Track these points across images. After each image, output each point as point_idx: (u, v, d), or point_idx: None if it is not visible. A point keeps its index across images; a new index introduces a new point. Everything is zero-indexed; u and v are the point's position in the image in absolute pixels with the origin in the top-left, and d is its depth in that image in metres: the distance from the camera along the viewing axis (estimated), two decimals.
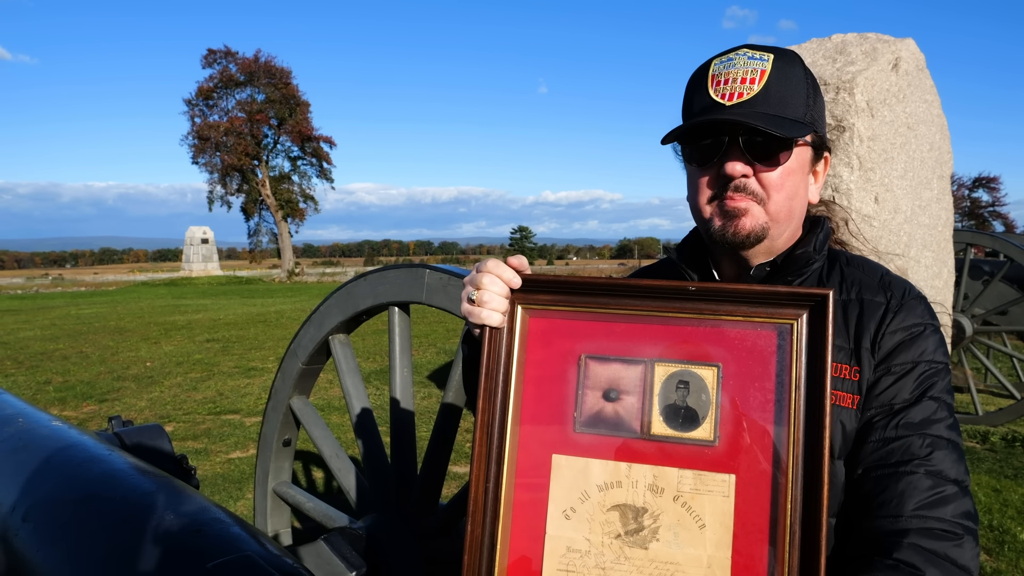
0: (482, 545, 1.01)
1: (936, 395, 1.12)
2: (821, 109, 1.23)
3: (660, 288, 1.02)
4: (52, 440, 1.52)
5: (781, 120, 1.14)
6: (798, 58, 1.20)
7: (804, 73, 1.19)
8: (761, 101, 1.14)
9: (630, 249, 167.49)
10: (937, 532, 1.03)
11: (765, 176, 1.16)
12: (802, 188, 1.22)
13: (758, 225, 1.18)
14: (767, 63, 1.16)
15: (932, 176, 4.54)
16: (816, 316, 0.95)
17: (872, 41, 4.13)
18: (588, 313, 1.05)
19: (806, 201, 1.25)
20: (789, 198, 1.19)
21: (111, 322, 17.09)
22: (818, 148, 1.24)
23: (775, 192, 1.17)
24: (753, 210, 1.17)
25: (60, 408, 8.00)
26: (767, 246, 1.22)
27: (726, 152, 1.16)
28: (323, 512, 2.56)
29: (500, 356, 1.05)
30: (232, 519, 1.18)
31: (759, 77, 1.15)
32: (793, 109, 1.16)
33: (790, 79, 1.17)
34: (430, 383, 8.90)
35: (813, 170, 1.26)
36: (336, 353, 2.56)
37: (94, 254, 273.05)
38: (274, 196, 51.07)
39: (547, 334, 1.06)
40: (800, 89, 1.18)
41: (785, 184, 1.17)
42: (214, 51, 49.46)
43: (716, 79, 1.18)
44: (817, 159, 1.26)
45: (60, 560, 1.13)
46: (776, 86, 1.15)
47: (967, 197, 45.93)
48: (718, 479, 0.97)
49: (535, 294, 1.06)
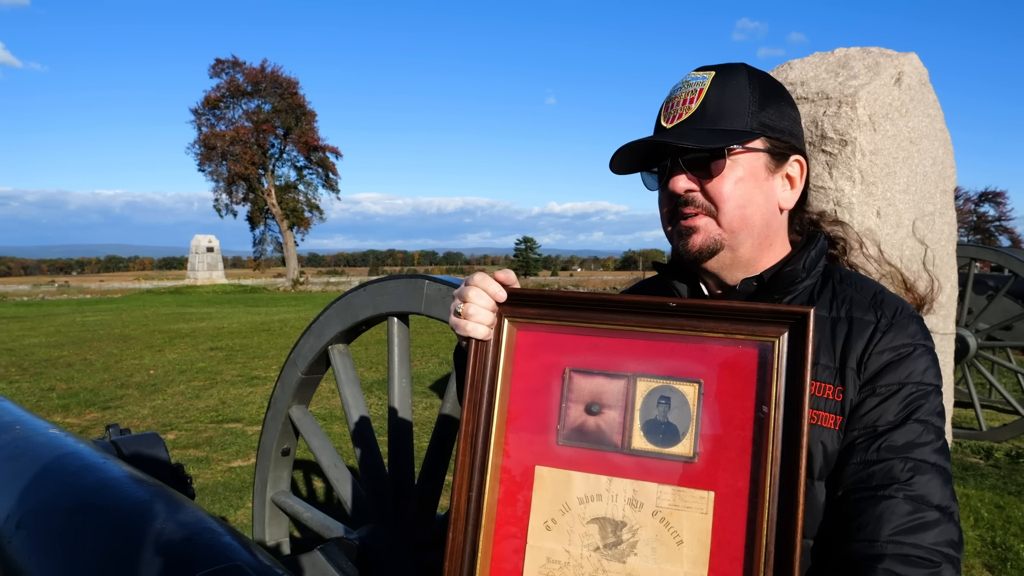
0: (463, 553, 1.03)
1: (922, 418, 1.10)
2: (780, 115, 1.22)
3: (643, 304, 1.03)
4: (48, 448, 1.53)
5: (713, 133, 1.17)
6: (744, 70, 1.21)
7: (749, 83, 1.20)
8: (699, 118, 1.18)
9: (635, 261, 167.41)
10: (913, 559, 1.01)
11: (710, 187, 1.19)
12: (758, 195, 1.21)
13: (710, 239, 1.20)
14: (706, 81, 1.20)
15: (935, 191, 4.54)
16: (796, 334, 0.95)
17: (875, 55, 4.14)
18: (573, 327, 1.06)
19: (771, 207, 1.23)
20: (740, 206, 1.19)
21: (116, 330, 17.14)
22: (779, 152, 1.23)
23: (722, 202, 1.19)
24: (705, 225, 1.20)
25: (63, 415, 8.02)
26: (731, 257, 1.22)
27: (671, 171, 1.21)
28: (320, 522, 2.56)
29: (486, 368, 1.07)
30: (224, 529, 1.19)
31: (697, 96, 1.19)
32: (732, 120, 1.18)
33: (729, 91, 1.19)
34: (432, 393, 8.89)
35: (784, 175, 1.25)
36: (335, 363, 2.57)
37: (100, 262, 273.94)
38: (279, 205, 51.25)
39: (533, 347, 1.08)
40: (741, 99, 1.19)
41: (733, 193, 1.18)
42: (222, 61, 49.80)
43: (667, 104, 1.24)
44: (780, 163, 1.24)
45: (52, 568, 1.13)
46: (714, 101, 1.18)
47: (973, 212, 45.84)
48: (697, 496, 0.97)
49: (522, 307, 1.08)
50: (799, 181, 1.26)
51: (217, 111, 50.27)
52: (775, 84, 1.24)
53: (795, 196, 1.26)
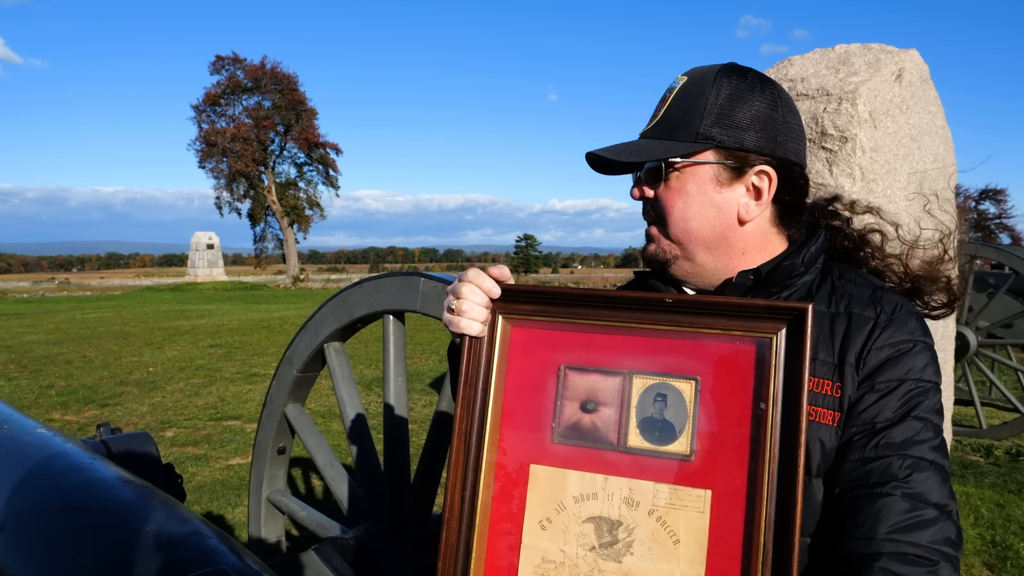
0: (457, 552, 1.01)
1: (921, 415, 1.08)
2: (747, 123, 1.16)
3: (639, 300, 1.01)
4: (36, 448, 1.52)
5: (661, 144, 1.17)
6: (715, 75, 1.17)
7: (715, 90, 1.16)
8: (660, 125, 1.20)
9: (635, 258, 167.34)
10: (911, 557, 1.00)
11: (657, 200, 1.21)
12: (706, 209, 1.17)
13: (660, 249, 1.22)
14: (677, 87, 1.20)
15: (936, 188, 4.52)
16: (795, 330, 0.93)
17: (875, 52, 4.12)
18: (568, 324, 1.04)
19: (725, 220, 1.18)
20: (683, 219, 1.18)
21: (115, 327, 17.13)
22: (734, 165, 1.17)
23: (666, 215, 1.20)
24: (658, 235, 1.22)
25: (62, 412, 8.01)
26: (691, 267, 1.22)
27: (634, 179, 1.24)
28: (316, 521, 2.54)
29: (480, 364, 1.05)
30: (211, 531, 1.17)
31: (666, 102, 1.20)
32: (682, 131, 1.17)
33: (688, 100, 1.18)
34: (431, 391, 8.88)
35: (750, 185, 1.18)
36: (331, 361, 2.55)
37: (100, 259, 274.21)
38: (280, 202, 51.27)
39: (528, 344, 1.06)
40: (697, 108, 1.16)
41: (675, 206, 1.18)
42: (222, 57, 49.80)
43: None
44: (738, 175, 1.18)
45: (35, 571, 1.11)
46: (675, 108, 1.18)
47: (974, 209, 45.81)
48: (694, 494, 0.95)
49: (517, 304, 1.06)
50: (767, 192, 1.18)
51: (218, 108, 50.29)
52: (756, 89, 1.17)
53: (761, 208, 1.20)
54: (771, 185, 1.19)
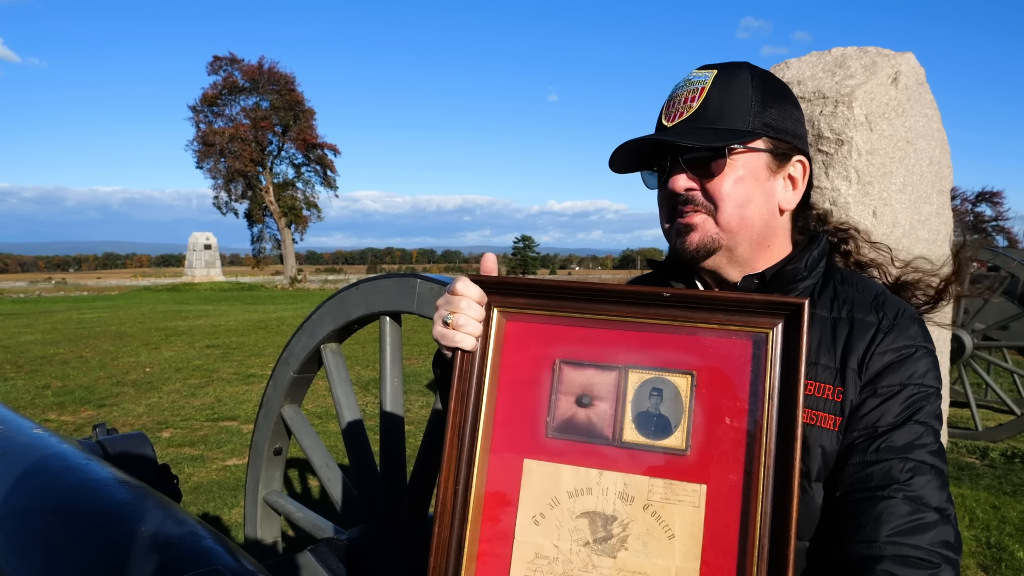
0: (449, 548, 1.00)
1: (922, 419, 1.09)
2: (782, 115, 1.21)
3: (635, 294, 1.01)
4: (31, 448, 1.52)
5: (713, 131, 1.15)
6: (747, 69, 1.20)
7: (752, 82, 1.19)
8: (700, 117, 1.17)
9: (633, 259, 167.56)
10: (912, 560, 1.00)
11: (710, 186, 1.18)
12: (758, 195, 1.20)
13: (707, 237, 1.19)
14: (708, 79, 1.19)
15: (931, 190, 4.53)
16: (791, 325, 0.93)
17: (872, 55, 4.13)
18: (564, 318, 1.04)
19: (771, 208, 1.22)
20: (739, 206, 1.18)
21: (112, 327, 17.10)
22: (781, 153, 1.21)
23: (721, 201, 1.17)
24: (703, 223, 1.19)
25: (58, 413, 7.99)
26: (728, 257, 1.21)
27: (670, 170, 1.20)
28: (312, 522, 2.54)
29: (474, 358, 1.05)
30: (206, 532, 1.17)
31: (699, 95, 1.18)
32: (733, 119, 1.17)
33: (730, 91, 1.18)
34: (429, 392, 8.87)
35: (787, 176, 1.23)
36: (327, 362, 2.55)
37: (98, 258, 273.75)
38: (277, 203, 51.23)
39: (523, 338, 1.05)
40: (743, 99, 1.17)
41: (732, 193, 1.17)
42: (220, 58, 49.77)
43: (669, 103, 1.23)
44: (782, 164, 1.22)
45: (31, 571, 1.11)
46: (715, 100, 1.17)
47: (970, 211, 45.90)
48: (689, 489, 0.95)
49: (512, 297, 1.06)
50: (801, 182, 1.24)
51: (215, 108, 50.25)
52: (778, 83, 1.22)
53: (797, 197, 1.25)
54: (804, 175, 1.24)
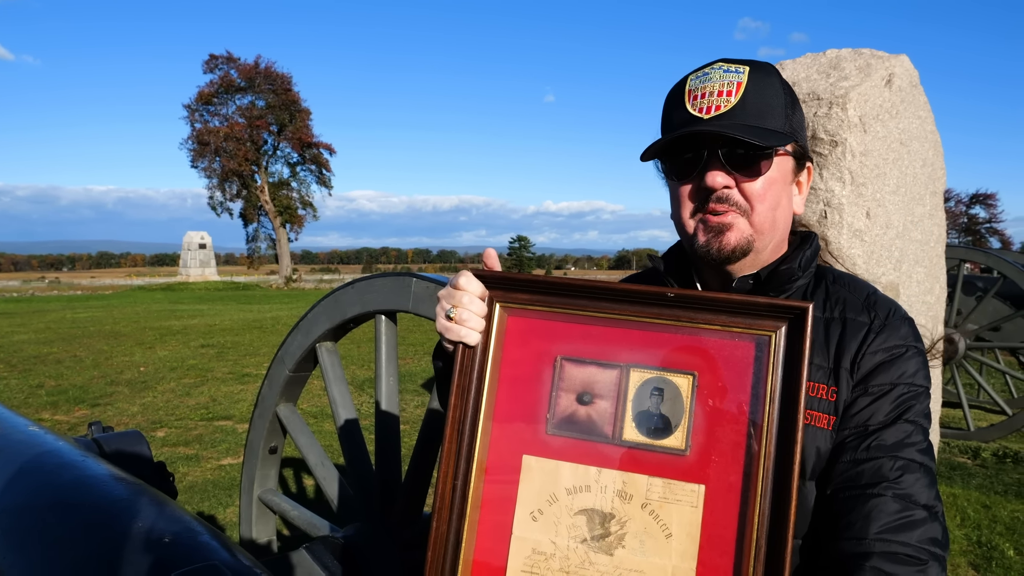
0: (447, 543, 1.01)
1: (912, 418, 1.11)
2: (801, 119, 1.22)
3: (639, 293, 1.01)
4: (27, 446, 1.51)
5: (760, 130, 1.13)
6: (774, 69, 1.19)
7: (781, 84, 1.19)
8: (739, 112, 1.14)
9: (628, 260, 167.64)
10: (901, 556, 1.01)
11: (747, 187, 1.16)
12: (785, 198, 1.21)
13: (743, 238, 1.17)
14: (743, 75, 1.16)
15: (925, 192, 4.55)
16: (795, 329, 0.94)
17: (866, 57, 4.15)
18: (566, 315, 1.04)
19: (790, 212, 1.24)
20: (772, 208, 1.18)
21: (106, 326, 17.03)
22: (799, 158, 1.23)
23: (758, 203, 1.16)
24: (738, 223, 1.17)
25: (52, 412, 7.96)
26: (752, 259, 1.21)
27: (706, 165, 1.16)
28: (307, 520, 2.54)
29: (475, 354, 1.05)
30: (203, 528, 1.17)
31: (736, 89, 1.15)
32: (772, 119, 1.16)
33: (767, 90, 1.16)
34: (424, 392, 8.87)
35: (796, 181, 1.25)
36: (323, 361, 2.55)
37: (91, 258, 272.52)
38: (273, 202, 51.06)
39: (524, 334, 1.05)
40: (778, 99, 1.17)
41: (768, 194, 1.16)
42: (216, 56, 49.57)
43: (693, 94, 1.18)
44: (799, 169, 1.24)
45: (27, 567, 1.11)
46: (753, 97, 1.15)
47: (964, 213, 46.04)
48: (687, 489, 0.96)
49: (515, 293, 1.06)
50: (806, 186, 1.27)
51: (211, 107, 50.06)
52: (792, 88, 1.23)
53: (803, 201, 1.27)
54: (809, 180, 1.27)
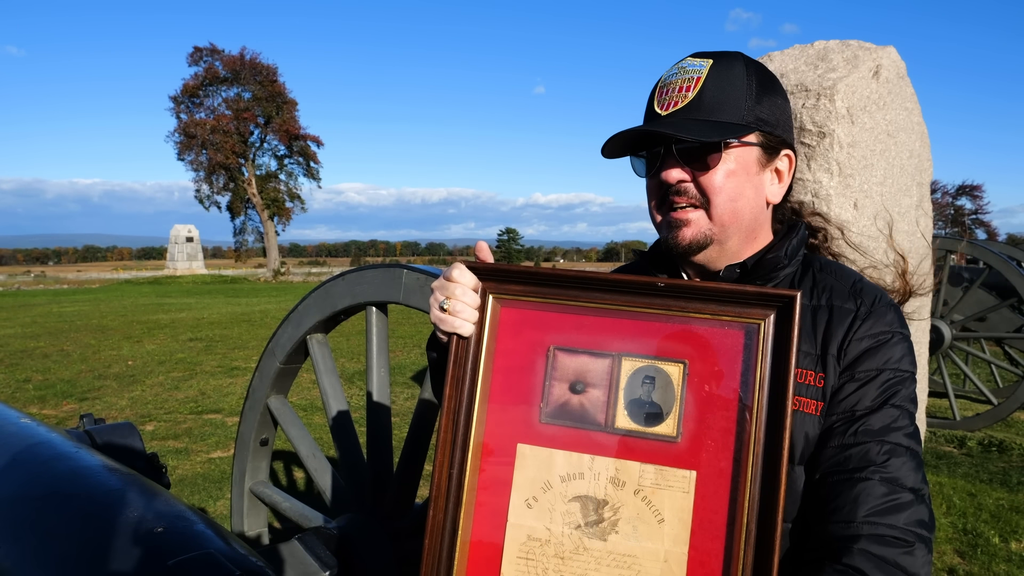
0: (443, 530, 1.02)
1: (898, 403, 1.12)
2: (774, 108, 1.21)
3: (630, 283, 1.02)
4: (19, 437, 1.51)
5: (709, 124, 1.15)
6: (741, 60, 1.20)
7: (746, 75, 1.18)
8: (694, 107, 1.16)
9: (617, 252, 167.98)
10: (888, 539, 1.03)
11: (704, 179, 1.17)
12: (749, 189, 1.20)
13: (700, 233, 1.19)
14: (704, 69, 1.18)
15: (912, 183, 4.58)
16: (783, 317, 0.96)
17: (854, 48, 4.17)
18: (559, 305, 1.06)
19: (760, 201, 1.23)
20: (731, 200, 1.18)
21: (93, 320, 16.91)
22: (771, 147, 1.22)
23: (715, 195, 1.17)
24: (695, 218, 1.19)
25: (40, 407, 7.91)
26: (716, 250, 1.22)
27: (663, 161, 1.18)
28: (299, 512, 2.55)
29: (469, 345, 1.06)
30: (197, 517, 1.18)
31: (694, 84, 1.17)
32: (728, 112, 1.16)
33: (726, 82, 1.17)
34: (414, 384, 8.87)
35: (774, 169, 1.24)
36: (314, 353, 2.55)
37: (78, 251, 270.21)
38: (260, 195, 50.78)
39: (518, 324, 1.07)
40: (738, 91, 1.17)
41: (725, 186, 1.17)
42: (200, 48, 49.14)
43: (661, 90, 1.21)
44: (771, 158, 1.23)
45: (22, 557, 1.11)
46: (711, 91, 1.16)
47: (950, 205, 46.37)
48: (679, 475, 0.97)
49: (507, 284, 1.07)
50: (787, 175, 1.26)
51: (196, 99, 49.64)
52: (770, 76, 1.22)
53: (782, 190, 1.26)
54: (790, 168, 1.25)
